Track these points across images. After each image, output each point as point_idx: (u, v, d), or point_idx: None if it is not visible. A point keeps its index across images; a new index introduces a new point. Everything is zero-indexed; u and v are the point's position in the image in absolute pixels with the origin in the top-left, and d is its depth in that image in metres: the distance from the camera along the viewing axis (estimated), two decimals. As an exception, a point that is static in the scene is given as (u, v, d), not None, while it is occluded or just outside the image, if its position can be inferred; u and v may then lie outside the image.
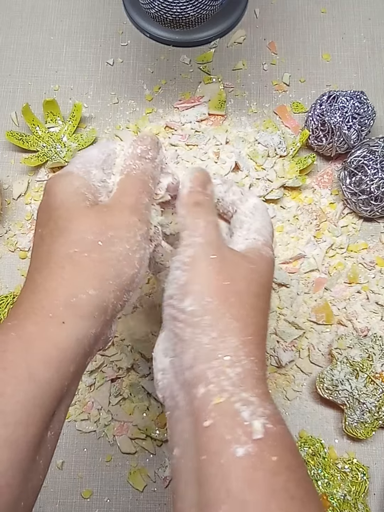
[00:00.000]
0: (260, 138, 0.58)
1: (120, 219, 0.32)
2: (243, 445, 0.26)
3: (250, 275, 0.32)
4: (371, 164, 0.53)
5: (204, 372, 0.29)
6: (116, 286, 0.31)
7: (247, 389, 0.28)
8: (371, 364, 0.49)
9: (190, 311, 0.30)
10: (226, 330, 0.30)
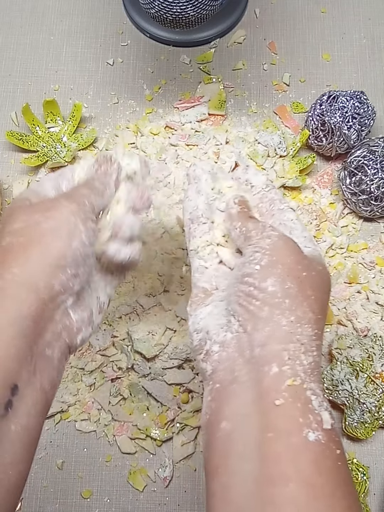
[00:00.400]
0: (260, 138, 0.58)
1: (47, 204, 0.33)
2: (314, 431, 0.27)
3: (321, 276, 0.33)
4: (371, 164, 0.53)
5: (279, 353, 0.29)
6: (43, 261, 0.30)
7: (315, 380, 0.29)
8: (371, 364, 0.49)
9: (271, 291, 0.31)
10: (303, 318, 0.31)
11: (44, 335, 0.30)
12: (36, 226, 0.31)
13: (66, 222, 0.32)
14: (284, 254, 0.32)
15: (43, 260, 0.30)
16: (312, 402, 0.28)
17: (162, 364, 0.51)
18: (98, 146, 0.59)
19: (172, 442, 0.51)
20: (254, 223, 0.35)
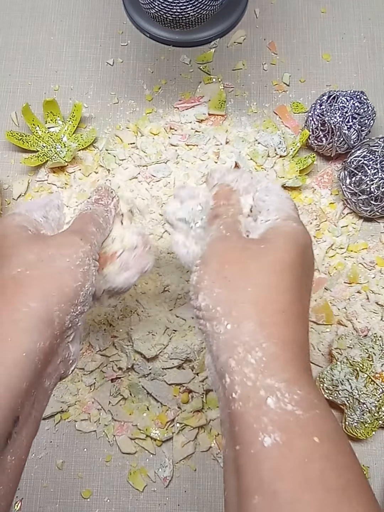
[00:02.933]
0: (260, 138, 0.58)
1: (61, 239, 0.34)
2: (271, 434, 0.26)
3: (260, 256, 0.32)
4: (371, 164, 0.53)
5: (227, 361, 0.29)
6: (59, 298, 0.31)
7: (272, 374, 0.28)
8: (371, 364, 0.49)
9: (204, 306, 0.31)
10: (241, 316, 0.29)
11: (48, 368, 0.31)
12: (52, 262, 0.32)
13: (82, 263, 0.33)
14: (210, 263, 0.32)
15: (60, 298, 0.31)
16: (267, 401, 0.27)
17: (162, 364, 0.51)
18: (98, 146, 0.59)
19: (172, 442, 0.51)
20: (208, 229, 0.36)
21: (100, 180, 0.55)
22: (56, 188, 0.58)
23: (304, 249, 0.33)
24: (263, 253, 0.32)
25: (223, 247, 0.33)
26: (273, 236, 0.33)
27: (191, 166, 0.57)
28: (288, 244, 0.32)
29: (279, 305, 0.30)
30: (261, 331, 0.29)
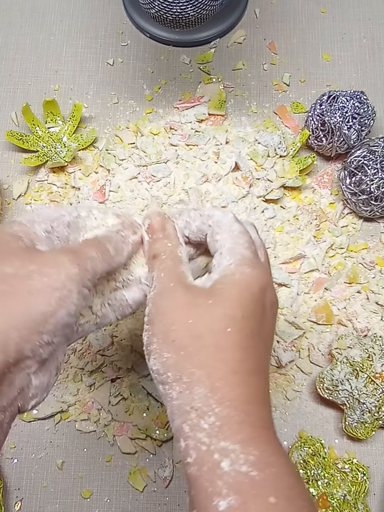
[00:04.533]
0: (260, 138, 0.58)
1: (47, 257, 0.30)
2: (225, 498, 0.25)
3: (208, 313, 0.30)
4: (371, 164, 0.53)
5: (181, 427, 0.28)
6: (22, 322, 0.27)
7: (226, 437, 0.27)
8: (371, 364, 0.49)
9: (155, 370, 0.30)
10: (191, 382, 0.29)
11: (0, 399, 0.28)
12: (27, 279, 0.28)
13: (61, 287, 0.28)
14: (157, 323, 0.31)
15: (23, 322, 0.27)
16: (221, 464, 0.26)
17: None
18: (98, 146, 0.59)
19: (172, 442, 0.51)
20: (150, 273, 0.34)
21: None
22: (56, 188, 0.58)
23: (257, 297, 0.31)
24: (211, 310, 0.30)
25: (168, 305, 0.31)
26: (223, 287, 0.31)
27: (191, 166, 0.57)
28: (238, 297, 0.31)
29: (229, 365, 0.29)
30: (213, 396, 0.28)
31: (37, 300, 0.28)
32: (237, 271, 0.32)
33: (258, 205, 0.55)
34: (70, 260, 0.30)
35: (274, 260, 0.54)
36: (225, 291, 0.31)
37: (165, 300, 0.31)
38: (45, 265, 0.29)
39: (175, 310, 0.31)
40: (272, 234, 0.55)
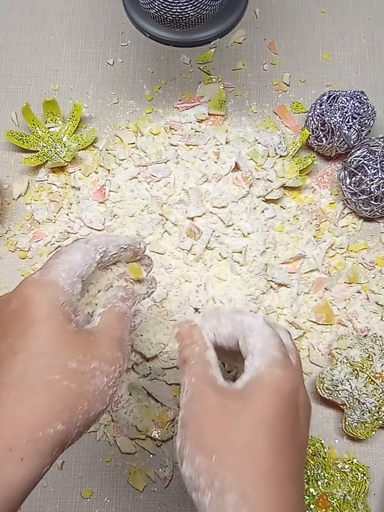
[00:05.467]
0: (260, 138, 0.58)
1: (105, 352, 0.30)
2: None
3: (239, 416, 0.30)
4: (371, 164, 0.53)
5: None
6: (83, 421, 0.28)
7: None
8: (371, 364, 0.49)
9: (188, 476, 0.30)
10: (223, 487, 0.29)
11: None
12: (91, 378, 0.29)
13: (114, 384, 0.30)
14: (189, 427, 0.31)
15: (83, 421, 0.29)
16: None
17: (162, 364, 0.51)
18: (98, 146, 0.59)
19: (172, 442, 0.51)
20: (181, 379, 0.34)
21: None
22: (56, 188, 0.58)
23: (289, 399, 0.31)
24: (241, 413, 0.30)
25: (200, 409, 0.31)
26: (254, 389, 0.31)
27: (191, 166, 0.57)
28: (268, 399, 0.31)
29: (261, 468, 0.29)
30: (244, 503, 0.28)
31: (97, 400, 0.29)
32: (267, 373, 0.32)
33: (258, 205, 0.55)
34: (122, 357, 0.31)
35: (274, 260, 0.54)
36: (256, 393, 0.31)
37: (197, 404, 0.31)
38: (104, 361, 0.30)
39: (206, 414, 0.31)
40: (272, 234, 0.55)
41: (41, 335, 0.29)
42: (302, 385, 0.33)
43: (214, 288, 0.53)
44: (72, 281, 0.31)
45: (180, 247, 0.54)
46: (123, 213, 0.55)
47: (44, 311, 0.29)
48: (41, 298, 0.30)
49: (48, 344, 0.28)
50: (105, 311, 0.34)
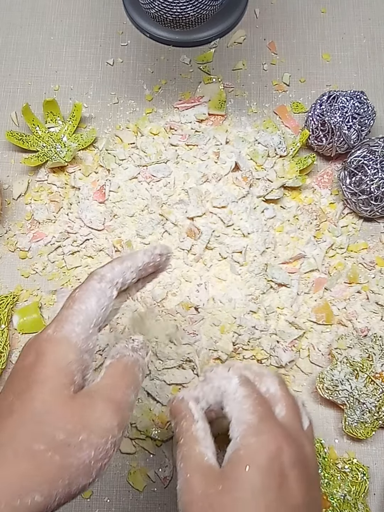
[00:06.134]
0: (260, 138, 0.58)
1: (98, 420, 0.29)
2: None
3: (221, 501, 0.30)
4: (371, 164, 0.53)
5: None
6: (63, 495, 0.27)
7: None
8: (371, 364, 0.49)
9: None
10: None
11: None
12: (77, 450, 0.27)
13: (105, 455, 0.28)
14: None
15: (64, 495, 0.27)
16: None
17: (162, 364, 0.51)
18: (98, 146, 0.59)
19: (172, 442, 0.51)
20: None
21: None
22: (56, 188, 0.58)
23: (266, 468, 0.30)
24: (222, 497, 0.30)
25: (188, 500, 0.31)
26: (232, 467, 0.31)
27: (191, 166, 0.57)
28: (244, 476, 0.30)
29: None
30: None
31: (81, 475, 0.27)
32: (242, 445, 0.31)
33: (258, 205, 0.55)
34: (118, 425, 0.29)
35: (274, 260, 0.54)
36: (232, 472, 0.31)
37: (185, 496, 0.32)
38: (94, 433, 0.28)
39: (193, 505, 0.31)
40: (272, 234, 0.55)
41: (36, 398, 0.28)
42: (287, 441, 0.32)
43: (214, 288, 0.53)
44: (87, 335, 0.30)
45: (180, 247, 0.54)
46: (123, 213, 0.55)
47: (47, 372, 0.29)
48: (50, 357, 0.29)
49: (40, 410, 0.28)
50: (112, 362, 0.32)
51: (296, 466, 0.31)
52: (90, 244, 0.56)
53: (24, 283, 0.55)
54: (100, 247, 0.55)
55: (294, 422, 0.34)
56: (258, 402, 0.33)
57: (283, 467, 0.31)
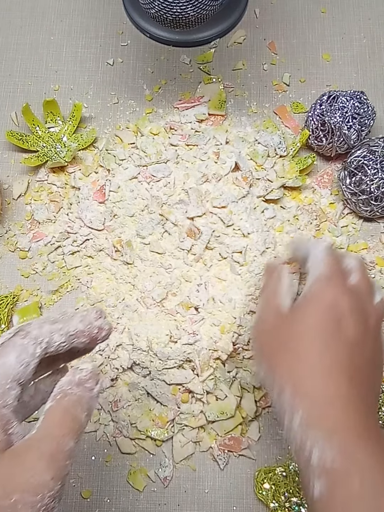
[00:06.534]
0: (260, 138, 0.58)
1: (30, 478, 0.27)
2: (316, 484, 0.32)
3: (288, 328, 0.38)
4: (371, 164, 0.53)
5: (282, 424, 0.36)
6: None
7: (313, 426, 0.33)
8: (371, 364, 0.49)
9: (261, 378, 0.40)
10: (280, 386, 0.36)
11: None
12: None
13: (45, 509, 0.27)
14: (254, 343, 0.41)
15: None
16: (312, 452, 0.32)
17: (162, 364, 0.51)
18: (98, 146, 0.59)
19: (172, 442, 0.51)
20: None
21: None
22: (56, 188, 0.58)
23: (329, 306, 0.37)
24: (290, 324, 0.38)
25: (262, 328, 0.41)
26: (300, 304, 0.39)
27: (191, 166, 0.57)
28: (309, 309, 0.38)
29: (306, 364, 0.36)
30: (294, 398, 0.35)
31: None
32: (312, 288, 0.39)
33: (258, 205, 0.55)
34: (53, 479, 0.27)
35: (274, 260, 0.54)
36: (300, 307, 0.39)
37: (259, 326, 0.41)
38: (28, 492, 0.26)
39: (264, 333, 0.40)
40: (272, 234, 0.55)
41: None
42: (349, 294, 0.38)
43: (214, 288, 0.53)
44: (3, 390, 0.29)
45: (180, 247, 0.54)
46: (123, 213, 0.55)
47: None
48: None
49: None
50: (51, 407, 0.30)
51: (353, 315, 0.37)
52: (90, 244, 0.56)
53: (24, 283, 0.55)
54: (100, 247, 0.55)
55: (364, 291, 0.40)
56: (335, 263, 0.40)
57: (342, 312, 0.37)
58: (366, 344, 0.37)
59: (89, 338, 0.33)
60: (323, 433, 0.32)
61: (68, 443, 0.29)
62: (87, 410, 0.30)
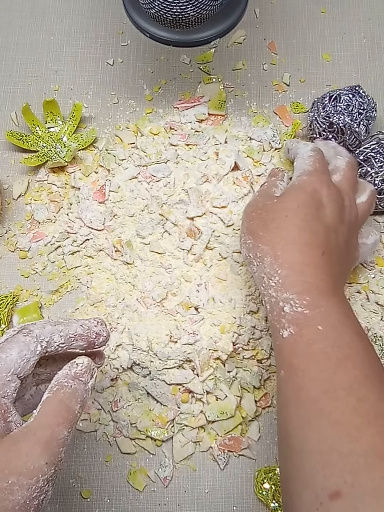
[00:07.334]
0: (253, 134, 0.58)
1: (26, 462, 0.29)
2: (286, 329, 0.37)
3: (273, 209, 0.43)
4: (378, 156, 0.52)
5: (260, 289, 0.42)
6: None
7: (286, 290, 0.39)
8: (371, 364, 0.49)
9: (244, 255, 0.44)
10: (262, 255, 0.41)
11: None
12: (10, 494, 0.28)
13: (39, 493, 0.29)
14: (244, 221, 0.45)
15: None
16: (284, 308, 0.38)
17: (162, 364, 0.51)
18: (98, 146, 0.59)
19: (172, 442, 0.51)
20: None
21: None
22: (56, 188, 0.58)
23: (311, 194, 0.42)
24: (275, 206, 0.43)
25: (251, 209, 0.45)
26: (285, 192, 0.44)
27: (191, 166, 0.57)
28: (293, 194, 0.43)
29: (287, 239, 0.40)
30: (275, 261, 0.40)
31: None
32: (297, 180, 0.44)
33: (258, 205, 0.55)
34: (47, 464, 0.29)
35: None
36: (286, 193, 0.44)
37: (250, 207, 0.45)
38: (24, 475, 0.29)
39: (253, 212, 0.44)
40: (272, 234, 0.55)
41: None
42: (328, 188, 0.43)
43: (214, 288, 0.53)
44: (4, 382, 0.31)
45: (180, 247, 0.54)
46: (123, 213, 0.55)
47: None
48: None
49: None
50: (48, 398, 0.32)
51: (332, 203, 0.43)
52: (90, 244, 0.56)
53: (24, 283, 0.55)
54: (100, 247, 0.55)
55: (346, 188, 0.45)
56: (319, 162, 0.45)
57: (321, 198, 0.43)
58: (340, 233, 0.43)
59: (87, 342, 0.36)
60: (295, 295, 0.38)
61: (62, 431, 0.31)
62: (81, 402, 0.33)
